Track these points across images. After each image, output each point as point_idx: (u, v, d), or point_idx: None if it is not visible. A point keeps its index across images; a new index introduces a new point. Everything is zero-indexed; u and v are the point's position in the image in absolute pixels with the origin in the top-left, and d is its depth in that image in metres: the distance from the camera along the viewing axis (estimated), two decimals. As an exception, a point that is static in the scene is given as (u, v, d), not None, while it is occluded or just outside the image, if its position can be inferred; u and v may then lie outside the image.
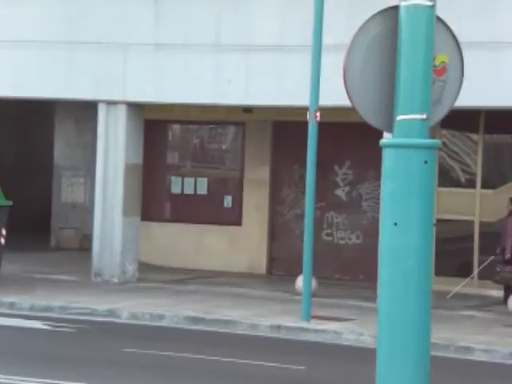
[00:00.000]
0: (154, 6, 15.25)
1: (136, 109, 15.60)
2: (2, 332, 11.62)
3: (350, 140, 16.64)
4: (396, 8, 4.65)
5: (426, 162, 4.54)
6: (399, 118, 4.59)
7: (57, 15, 15.57)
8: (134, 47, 15.22)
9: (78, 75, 15.44)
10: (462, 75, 4.79)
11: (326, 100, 12.53)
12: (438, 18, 4.68)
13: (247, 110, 16.78)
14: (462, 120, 14.21)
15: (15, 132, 22.17)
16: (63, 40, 15.43)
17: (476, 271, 14.88)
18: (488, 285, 14.99)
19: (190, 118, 17.77)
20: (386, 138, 4.75)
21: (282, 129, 17.26)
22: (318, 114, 12.33)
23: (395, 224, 4.54)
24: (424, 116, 4.57)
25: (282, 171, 17.48)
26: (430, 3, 4.56)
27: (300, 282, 13.18)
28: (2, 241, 14.25)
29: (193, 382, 9.41)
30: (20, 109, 20.31)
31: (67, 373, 9.31)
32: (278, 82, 14.47)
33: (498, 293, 14.77)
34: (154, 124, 17.45)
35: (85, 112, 18.39)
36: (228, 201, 17.79)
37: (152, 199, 18.02)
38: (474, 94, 11.71)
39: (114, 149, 15.45)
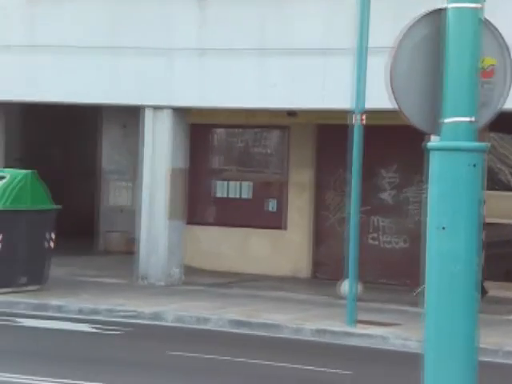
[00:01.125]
0: (198, 10, 15.30)
1: (181, 113, 15.66)
2: (49, 335, 11.74)
3: (396, 143, 16.51)
4: (442, 10, 4.61)
5: (474, 165, 4.49)
6: (446, 120, 4.54)
7: (101, 21, 15.69)
8: (179, 52, 15.29)
9: (123, 80, 15.55)
10: (511, 78, 4.73)
11: (371, 103, 12.46)
12: (486, 20, 4.63)
13: (291, 113, 16.75)
14: (510, 123, 14.02)
15: (62, 136, 22.39)
16: (108, 45, 15.54)
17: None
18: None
19: (235, 122, 17.79)
20: (433, 140, 4.70)
21: (327, 132, 17.20)
22: (363, 117, 12.27)
23: (443, 228, 4.49)
24: (472, 119, 4.52)
25: (326, 174, 17.41)
26: (477, 5, 4.51)
27: (345, 285, 13.11)
28: (52, 245, 14.39)
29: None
30: (67, 113, 20.50)
31: (107, 375, 9.37)
32: (322, 85, 14.43)
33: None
34: (199, 128, 17.51)
35: (131, 117, 18.51)
36: (273, 204, 17.78)
37: (197, 203, 18.07)
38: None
39: (160, 153, 15.53)
